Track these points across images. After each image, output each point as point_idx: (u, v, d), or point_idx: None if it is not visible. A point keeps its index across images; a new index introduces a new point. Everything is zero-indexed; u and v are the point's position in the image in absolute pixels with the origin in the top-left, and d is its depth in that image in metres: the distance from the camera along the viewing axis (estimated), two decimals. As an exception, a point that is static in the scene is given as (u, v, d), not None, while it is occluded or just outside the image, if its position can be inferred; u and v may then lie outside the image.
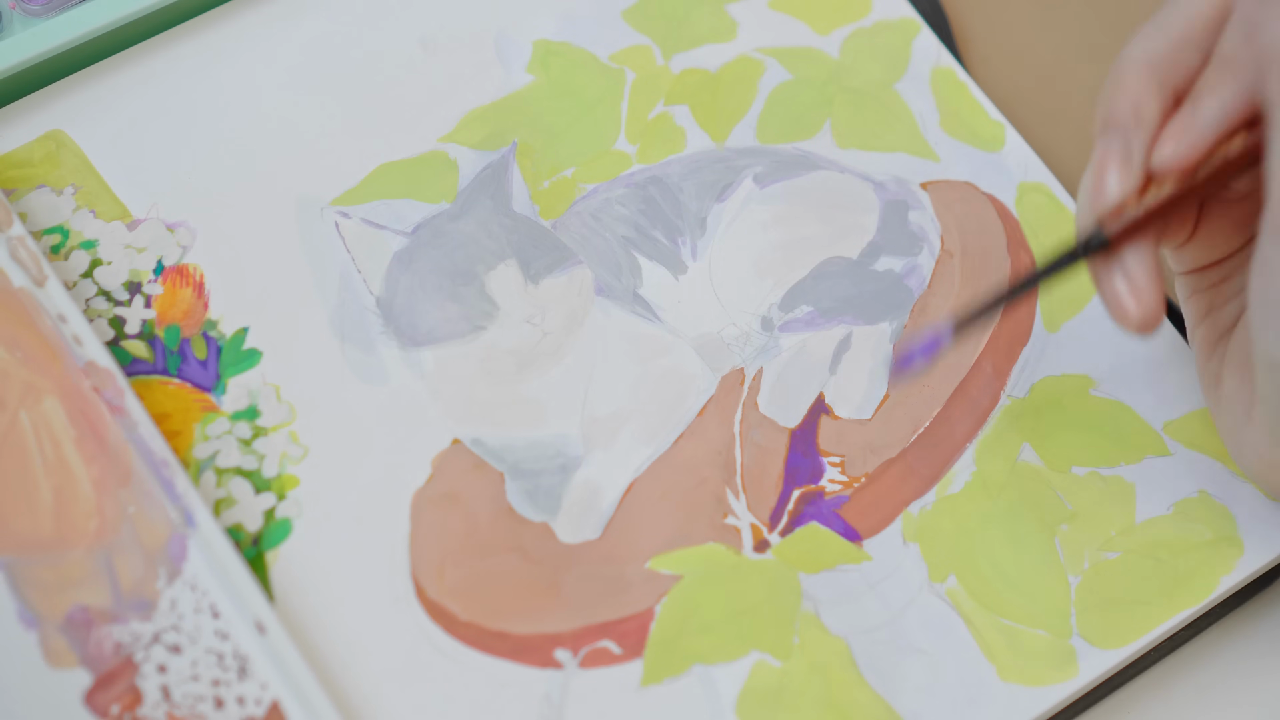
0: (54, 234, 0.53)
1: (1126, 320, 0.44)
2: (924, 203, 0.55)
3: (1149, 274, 0.44)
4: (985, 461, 0.51)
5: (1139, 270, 0.44)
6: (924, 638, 0.49)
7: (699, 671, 0.48)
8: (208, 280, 0.53)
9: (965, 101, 0.57)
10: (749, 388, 0.52)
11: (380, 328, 0.52)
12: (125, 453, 0.48)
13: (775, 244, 0.54)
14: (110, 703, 0.46)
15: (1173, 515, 0.51)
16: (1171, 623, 0.49)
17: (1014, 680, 0.49)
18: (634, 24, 0.58)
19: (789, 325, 0.53)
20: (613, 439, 0.51)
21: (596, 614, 0.49)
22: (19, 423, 0.49)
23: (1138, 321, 0.44)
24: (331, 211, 0.54)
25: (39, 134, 0.54)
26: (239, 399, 0.51)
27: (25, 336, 0.50)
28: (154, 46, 0.56)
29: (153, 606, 0.47)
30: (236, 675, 0.47)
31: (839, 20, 0.58)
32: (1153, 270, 0.44)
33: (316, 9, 0.57)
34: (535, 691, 0.48)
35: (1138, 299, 0.44)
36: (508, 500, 0.50)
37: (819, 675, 0.48)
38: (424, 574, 0.49)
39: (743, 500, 0.51)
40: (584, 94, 0.56)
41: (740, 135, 0.56)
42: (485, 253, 0.54)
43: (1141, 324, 0.44)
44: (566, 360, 0.52)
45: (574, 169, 0.55)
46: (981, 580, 0.50)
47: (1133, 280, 0.44)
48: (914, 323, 0.54)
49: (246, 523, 0.49)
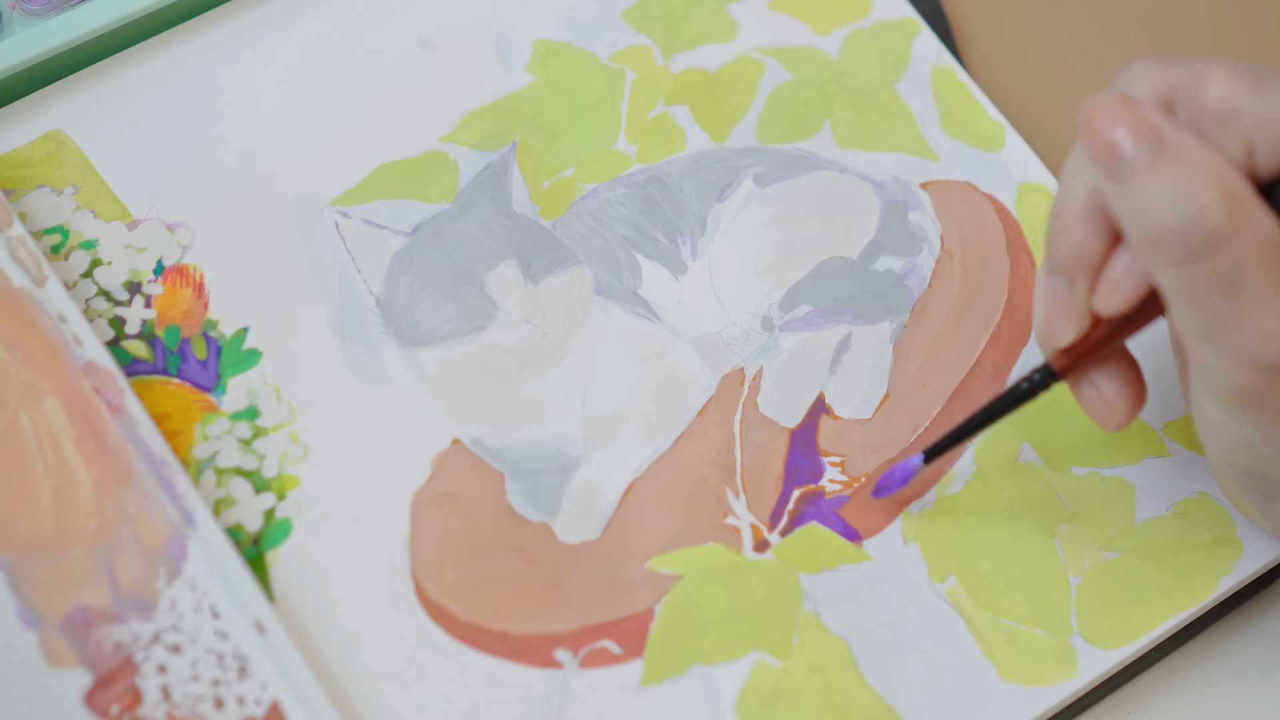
0: (54, 234, 0.53)
1: (1103, 426, 0.47)
2: (924, 203, 0.55)
3: (1114, 387, 0.46)
4: (985, 461, 0.51)
5: (1105, 385, 0.46)
6: (924, 638, 0.49)
7: (699, 671, 0.48)
8: (208, 280, 0.53)
9: (965, 101, 0.57)
10: (749, 388, 0.52)
11: (380, 328, 0.52)
12: (125, 453, 0.48)
13: (775, 244, 0.54)
14: (110, 703, 0.46)
15: (1172, 516, 0.51)
16: (1171, 623, 0.49)
17: (1014, 680, 0.49)
18: (634, 24, 0.58)
19: (789, 325, 0.53)
20: (613, 439, 0.51)
21: (596, 614, 0.49)
22: (19, 423, 0.49)
23: (1112, 427, 0.47)
24: (331, 211, 0.54)
25: (39, 134, 0.54)
26: (239, 399, 0.51)
27: (25, 336, 0.50)
28: (154, 46, 0.56)
29: (153, 606, 0.47)
30: (236, 675, 0.47)
31: (839, 20, 0.58)
32: (1118, 383, 0.46)
33: (316, 9, 0.57)
34: (535, 691, 0.48)
35: (1108, 409, 0.46)
36: (508, 500, 0.50)
37: (819, 675, 0.48)
38: (424, 574, 0.49)
39: (743, 500, 0.51)
40: (584, 94, 0.56)
41: (740, 135, 0.56)
42: (485, 253, 0.54)
43: (1116, 428, 0.47)
44: (566, 360, 0.52)
45: (574, 169, 0.55)
46: (981, 580, 0.50)
47: (1100, 392, 0.46)
48: (913, 323, 0.54)
49: (246, 523, 0.49)
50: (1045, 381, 0.47)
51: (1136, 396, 0.46)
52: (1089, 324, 0.45)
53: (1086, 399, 0.47)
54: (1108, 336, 0.45)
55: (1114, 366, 0.46)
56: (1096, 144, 0.41)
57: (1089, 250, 0.44)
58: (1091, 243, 0.44)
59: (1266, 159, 0.41)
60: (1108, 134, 0.41)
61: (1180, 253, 0.41)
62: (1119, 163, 0.41)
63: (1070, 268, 0.44)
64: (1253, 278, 0.40)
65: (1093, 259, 0.44)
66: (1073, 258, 0.44)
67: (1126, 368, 0.46)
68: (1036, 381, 0.47)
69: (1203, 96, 0.42)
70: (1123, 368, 0.46)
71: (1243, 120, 0.41)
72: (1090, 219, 0.44)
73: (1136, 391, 0.46)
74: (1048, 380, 0.47)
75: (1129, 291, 0.44)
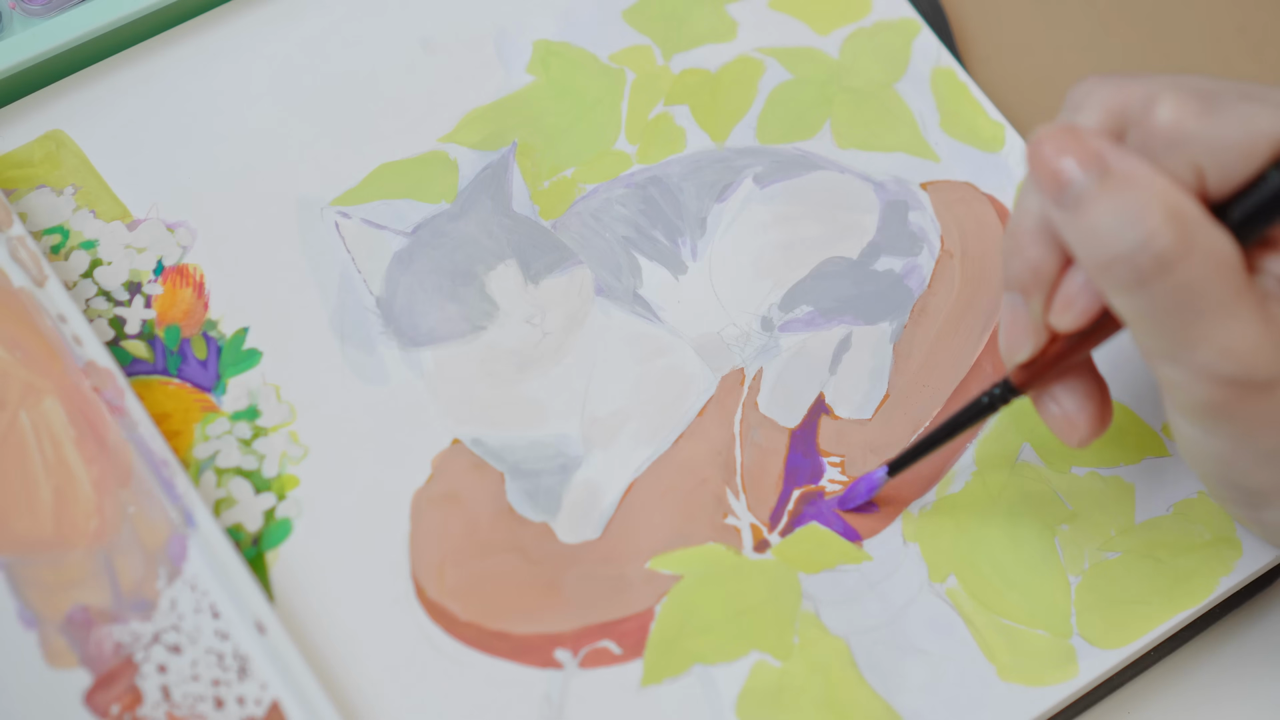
0: (54, 234, 0.53)
1: (1066, 442, 0.47)
2: (924, 203, 0.55)
3: (1076, 403, 0.46)
4: (985, 461, 0.51)
5: (1066, 400, 0.46)
6: (924, 638, 0.49)
7: (699, 671, 0.48)
8: (208, 280, 0.53)
9: (965, 101, 0.57)
10: (749, 388, 0.52)
11: (380, 328, 0.52)
12: (125, 453, 0.49)
13: (775, 244, 0.54)
14: (110, 703, 0.46)
15: (1172, 516, 0.51)
16: (1171, 623, 0.49)
17: (1014, 680, 0.49)
18: (634, 24, 0.58)
19: (789, 325, 0.53)
20: (613, 439, 0.51)
21: (596, 614, 0.49)
22: (19, 423, 0.49)
23: (1074, 443, 0.47)
24: (331, 211, 0.54)
25: (39, 134, 0.54)
26: (239, 399, 0.51)
27: (25, 336, 0.50)
28: (154, 46, 0.56)
29: (153, 606, 0.47)
30: (236, 675, 0.47)
31: (839, 20, 0.58)
32: (1079, 398, 0.46)
33: (316, 9, 0.57)
34: (535, 691, 0.48)
35: (1070, 425, 0.46)
36: (508, 500, 0.50)
37: (819, 675, 0.48)
38: (424, 574, 0.49)
39: (743, 500, 0.51)
40: (584, 94, 0.56)
41: (740, 135, 0.56)
42: (485, 253, 0.54)
43: (1079, 444, 0.47)
44: (566, 360, 0.52)
45: (574, 169, 0.55)
46: (981, 580, 0.50)
47: (1061, 407, 0.47)
48: (913, 323, 0.54)
49: (246, 523, 0.49)
50: (1005, 396, 0.47)
51: (1099, 413, 0.46)
52: (1045, 339, 0.45)
53: (1048, 414, 0.47)
54: (1065, 352, 0.45)
55: (1076, 381, 0.46)
56: (1044, 174, 0.42)
57: (1043, 267, 0.44)
58: (1045, 259, 0.44)
59: (1217, 181, 0.42)
60: (1054, 163, 0.42)
61: (1133, 277, 0.41)
62: (1066, 191, 0.41)
63: (1025, 284, 0.45)
64: (1209, 297, 0.41)
65: (1047, 275, 0.44)
66: (1027, 274, 0.45)
67: (1089, 383, 0.46)
68: (996, 396, 0.47)
69: (1152, 120, 0.42)
70: (1085, 383, 0.46)
71: (1192, 145, 0.41)
72: (1043, 236, 0.44)
73: (1099, 408, 0.46)
74: (1007, 395, 0.47)
75: (1084, 308, 0.44)
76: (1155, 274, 0.41)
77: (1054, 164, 0.42)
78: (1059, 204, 0.42)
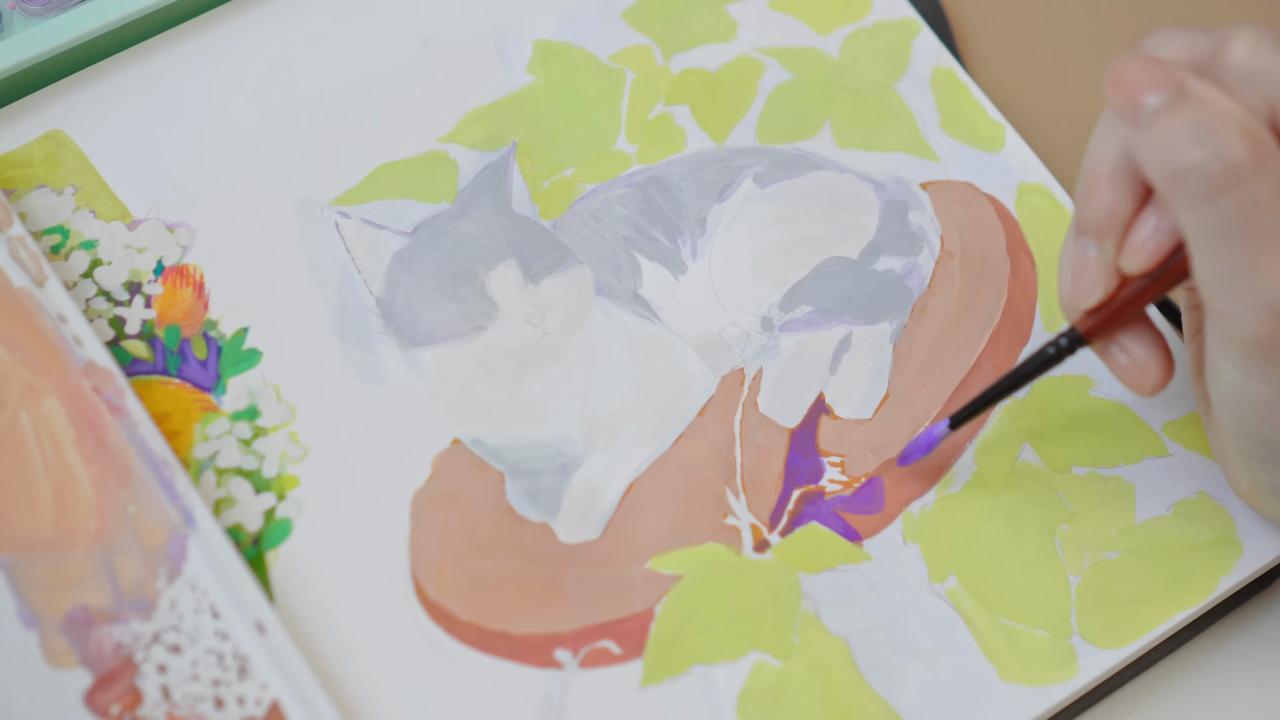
0: (54, 234, 0.53)
1: (1137, 390, 0.47)
2: (924, 203, 0.55)
3: (1145, 350, 0.47)
4: (985, 461, 0.51)
5: (1135, 348, 0.47)
6: (924, 638, 0.49)
7: (699, 671, 0.48)
8: (208, 280, 0.53)
9: (965, 101, 0.57)
10: (749, 388, 0.52)
11: (380, 328, 0.52)
12: (125, 453, 0.48)
13: (775, 244, 0.54)
14: (110, 703, 0.46)
15: (1172, 516, 0.51)
16: (1171, 623, 0.49)
17: (1014, 680, 0.49)
18: (634, 24, 0.58)
19: (789, 325, 0.53)
20: (613, 439, 0.51)
21: (596, 614, 0.49)
22: (19, 423, 0.49)
23: (1147, 390, 0.47)
24: (331, 211, 0.54)
25: (39, 134, 0.54)
26: (239, 399, 0.51)
27: (25, 336, 0.50)
28: (154, 46, 0.56)
29: (153, 606, 0.47)
30: (236, 675, 0.47)
31: (839, 20, 0.58)
32: (1148, 346, 0.47)
33: (316, 9, 0.57)
34: (535, 691, 0.48)
35: (1141, 372, 0.47)
36: (508, 500, 0.50)
37: (819, 675, 0.48)
38: (424, 574, 0.49)
39: (743, 500, 0.51)
40: (584, 94, 0.56)
41: (740, 135, 0.56)
42: (485, 253, 0.54)
43: (1151, 391, 0.47)
44: (566, 360, 0.52)
45: (574, 169, 0.55)
46: (981, 580, 0.50)
47: (1132, 355, 0.47)
48: (913, 323, 0.54)
49: (246, 523, 0.49)
50: (1072, 346, 0.47)
51: (1167, 360, 0.47)
52: (1116, 284, 0.46)
53: (1118, 364, 0.47)
54: (1134, 298, 0.46)
55: (1141, 330, 0.47)
56: (1122, 97, 0.42)
57: (1117, 209, 0.45)
58: (1120, 202, 0.45)
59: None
60: (1133, 86, 0.42)
61: (1205, 186, 0.41)
62: (1143, 110, 0.42)
63: (1099, 227, 0.45)
64: (1275, 219, 0.41)
65: (1121, 218, 0.45)
66: (1102, 217, 0.45)
67: (1153, 333, 0.47)
68: (1063, 346, 0.47)
69: (1226, 56, 0.43)
70: (1149, 332, 0.47)
71: (1265, 79, 0.42)
72: (1119, 179, 0.45)
73: (1166, 355, 0.47)
74: (1074, 344, 0.47)
75: (1155, 249, 0.45)
76: (1227, 185, 0.41)
77: (1133, 87, 0.42)
78: (1135, 123, 0.42)
